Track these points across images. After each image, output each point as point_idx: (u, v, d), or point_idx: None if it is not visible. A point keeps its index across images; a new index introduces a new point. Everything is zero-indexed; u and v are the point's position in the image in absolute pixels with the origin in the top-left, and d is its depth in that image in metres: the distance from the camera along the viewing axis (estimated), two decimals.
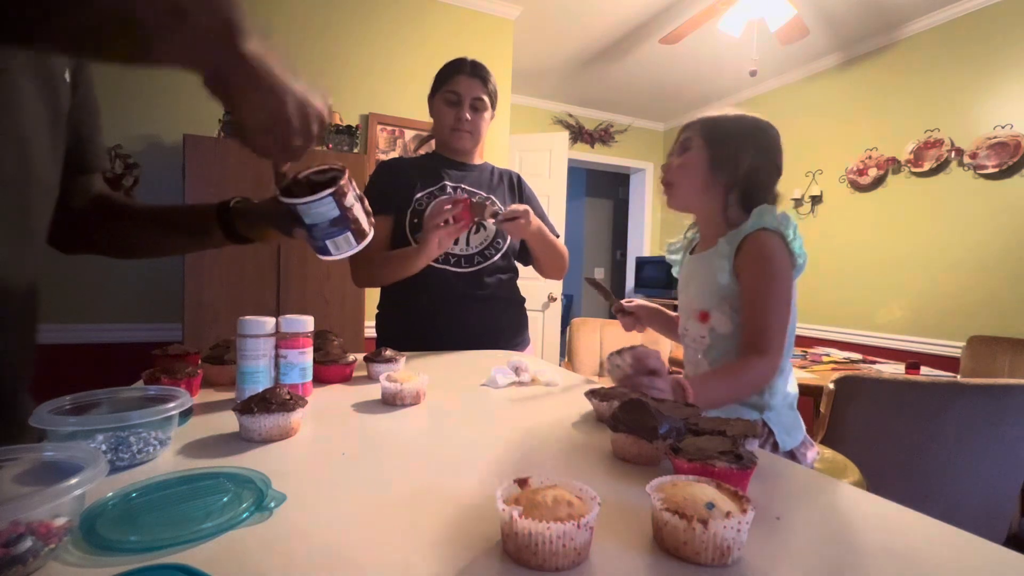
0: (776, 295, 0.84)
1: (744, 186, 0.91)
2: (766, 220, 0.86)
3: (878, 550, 0.38)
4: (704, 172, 0.92)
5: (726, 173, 0.91)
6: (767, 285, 0.84)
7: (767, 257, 0.84)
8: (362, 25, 2.62)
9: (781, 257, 0.85)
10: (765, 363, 0.81)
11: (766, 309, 0.83)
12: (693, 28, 2.70)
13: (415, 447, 0.57)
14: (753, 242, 0.85)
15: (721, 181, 0.91)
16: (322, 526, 0.38)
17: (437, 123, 1.29)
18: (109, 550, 0.34)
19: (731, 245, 0.87)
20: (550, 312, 3.62)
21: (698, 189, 0.94)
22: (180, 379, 0.68)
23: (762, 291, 0.84)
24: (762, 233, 0.85)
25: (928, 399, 1.20)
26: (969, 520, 1.26)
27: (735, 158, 0.90)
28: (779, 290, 0.84)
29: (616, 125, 4.70)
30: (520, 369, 0.89)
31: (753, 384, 0.84)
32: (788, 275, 0.85)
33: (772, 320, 0.83)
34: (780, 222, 0.86)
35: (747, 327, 0.85)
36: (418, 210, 1.21)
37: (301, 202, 0.66)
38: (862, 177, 3.16)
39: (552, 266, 1.32)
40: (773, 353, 0.82)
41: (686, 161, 0.94)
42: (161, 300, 2.26)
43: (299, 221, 0.67)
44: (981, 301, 2.60)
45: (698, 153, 0.93)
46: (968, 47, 2.69)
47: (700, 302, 0.94)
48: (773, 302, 0.83)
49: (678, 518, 0.34)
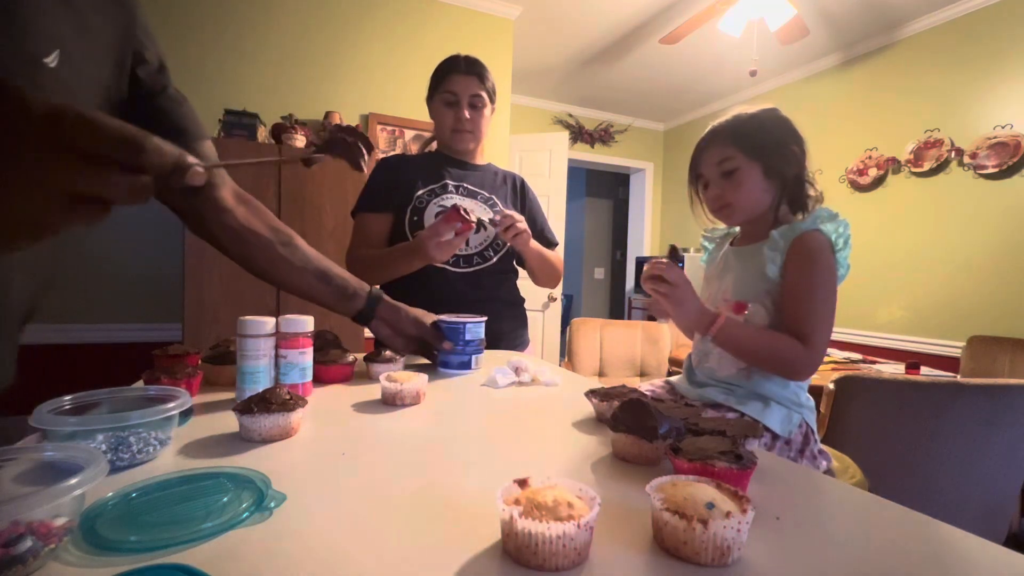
0: (823, 295, 0.84)
1: (793, 184, 0.91)
2: (824, 222, 0.87)
3: (878, 550, 0.38)
4: (760, 184, 0.91)
5: (779, 178, 0.91)
6: (817, 283, 0.84)
7: (817, 256, 0.84)
8: (362, 25, 2.63)
9: (830, 259, 0.85)
10: (805, 354, 0.81)
11: (813, 305, 0.83)
12: (693, 28, 2.70)
13: (415, 447, 0.57)
14: (809, 240, 0.85)
15: (776, 186, 0.91)
16: (322, 526, 0.38)
17: (437, 125, 1.29)
18: (109, 550, 0.34)
19: (785, 240, 0.87)
20: (550, 312, 3.62)
21: (757, 200, 0.93)
22: (180, 379, 0.68)
23: (812, 288, 0.84)
24: (816, 233, 0.85)
25: (928, 399, 1.20)
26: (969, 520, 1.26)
27: (785, 162, 0.90)
28: (827, 291, 0.84)
29: (616, 125, 4.70)
30: (520, 369, 0.89)
31: (782, 361, 0.84)
32: (834, 278, 0.85)
33: (818, 318, 0.83)
34: (838, 227, 0.87)
35: (792, 319, 0.84)
36: (418, 208, 1.21)
37: (471, 322, 0.92)
38: (862, 177, 3.16)
39: (545, 276, 1.33)
40: (813, 348, 0.81)
41: (739, 180, 0.91)
42: (161, 300, 2.26)
43: (455, 335, 0.91)
44: (981, 301, 2.60)
45: (748, 170, 0.91)
46: (968, 47, 2.69)
47: (738, 292, 0.93)
48: (820, 300, 0.83)
49: (678, 518, 0.34)
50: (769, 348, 0.84)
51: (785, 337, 0.83)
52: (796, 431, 0.86)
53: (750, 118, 0.93)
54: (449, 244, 1.07)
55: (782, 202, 0.92)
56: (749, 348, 0.86)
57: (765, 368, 0.87)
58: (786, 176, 0.90)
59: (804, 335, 0.82)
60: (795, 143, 0.91)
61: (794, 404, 0.87)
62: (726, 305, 0.93)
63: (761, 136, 0.91)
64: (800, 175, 0.91)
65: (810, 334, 0.81)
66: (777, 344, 0.83)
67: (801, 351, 0.81)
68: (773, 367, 0.86)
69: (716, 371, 0.93)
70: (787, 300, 0.86)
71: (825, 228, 0.87)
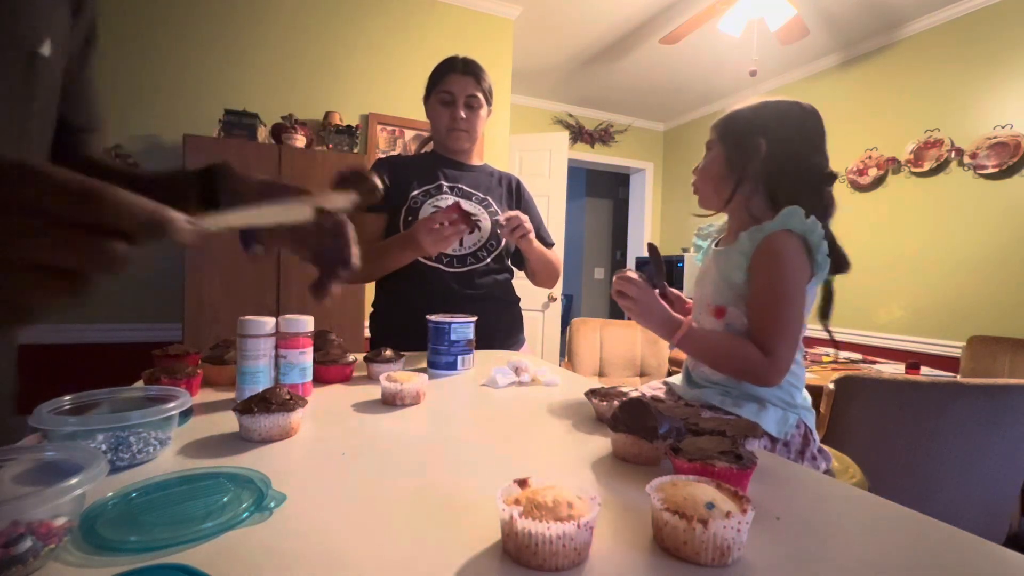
0: (788, 301, 0.80)
1: (765, 180, 0.87)
2: (792, 222, 0.81)
3: (878, 550, 0.38)
4: (720, 171, 0.90)
5: (740, 168, 0.88)
6: (780, 289, 0.80)
7: (781, 259, 0.81)
8: (362, 25, 2.63)
9: (796, 261, 0.81)
10: (766, 364, 0.79)
11: (776, 312, 0.80)
12: (693, 28, 2.70)
13: (415, 447, 0.57)
14: (772, 242, 0.81)
15: (735, 177, 0.88)
16: (322, 526, 0.38)
17: (433, 124, 1.29)
18: (109, 550, 0.34)
19: (752, 242, 0.83)
20: (550, 312, 3.62)
21: (715, 187, 0.91)
22: (180, 379, 0.68)
23: (774, 294, 0.81)
24: (783, 234, 0.82)
25: (928, 399, 1.20)
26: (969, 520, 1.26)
27: (748, 153, 0.87)
28: (792, 296, 0.80)
29: (616, 125, 4.70)
30: (520, 369, 0.89)
31: (744, 371, 0.82)
32: (800, 280, 0.81)
33: (780, 326, 0.80)
34: (807, 226, 0.81)
35: (754, 327, 0.82)
36: (413, 208, 1.21)
37: (457, 322, 0.91)
38: (862, 177, 3.16)
39: (545, 276, 1.32)
40: (775, 358, 0.79)
41: (706, 163, 0.92)
42: (161, 300, 2.26)
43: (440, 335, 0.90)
44: (981, 301, 2.60)
45: (716, 153, 0.91)
46: (968, 47, 2.69)
47: (716, 297, 0.90)
48: (783, 307, 0.80)
49: (678, 518, 0.34)
50: (730, 357, 0.82)
51: (747, 346, 0.80)
52: (794, 432, 0.84)
53: (746, 107, 0.92)
54: (441, 236, 1.06)
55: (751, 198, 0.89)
56: (711, 357, 0.85)
57: (733, 376, 0.86)
58: (746, 169, 0.88)
59: (765, 344, 0.79)
60: (763, 137, 0.86)
61: (788, 405, 0.85)
62: (708, 310, 0.92)
63: (733, 124, 0.90)
64: (772, 169, 0.87)
65: (771, 344, 0.79)
66: (738, 353, 0.81)
67: (761, 361, 0.79)
68: (739, 375, 0.84)
69: (710, 374, 0.92)
70: (751, 306, 0.84)
71: (794, 226, 0.82)
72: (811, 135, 0.89)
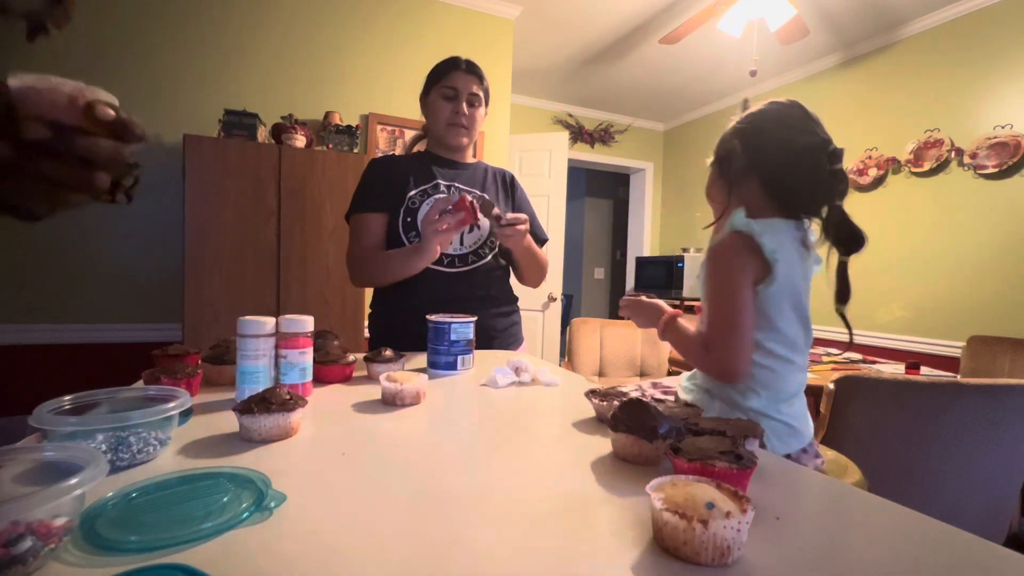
0: (719, 297, 0.83)
1: (757, 174, 0.88)
2: (735, 223, 0.84)
3: (878, 550, 0.38)
4: (713, 180, 0.94)
5: (727, 173, 0.90)
6: (712, 289, 0.84)
7: (713, 259, 0.85)
8: (362, 25, 2.62)
9: (734, 261, 0.82)
10: (708, 359, 0.83)
11: (711, 310, 0.84)
12: (693, 28, 2.70)
13: (415, 447, 0.57)
14: (715, 244, 0.86)
15: (726, 182, 0.90)
16: (322, 526, 0.38)
17: (432, 119, 1.28)
18: (109, 550, 0.34)
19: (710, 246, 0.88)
20: (550, 312, 3.62)
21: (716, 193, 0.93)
22: (180, 379, 0.69)
23: (706, 291, 0.85)
24: (729, 235, 0.84)
25: (928, 399, 1.20)
26: (969, 520, 1.26)
27: (729, 156, 0.89)
28: (723, 295, 0.82)
29: (616, 125, 4.69)
30: (520, 369, 0.89)
31: (695, 363, 0.88)
32: (736, 279, 0.81)
33: (714, 324, 0.82)
34: (750, 226, 0.82)
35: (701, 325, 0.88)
36: (411, 208, 1.21)
37: (457, 322, 0.91)
38: (862, 177, 3.16)
39: (531, 274, 1.32)
40: (716, 350, 0.81)
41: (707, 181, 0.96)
42: (161, 300, 2.26)
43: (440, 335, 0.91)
44: (981, 301, 2.60)
45: (711, 169, 0.94)
46: (968, 47, 2.69)
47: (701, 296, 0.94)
48: (715, 303, 0.83)
49: (678, 518, 0.34)
50: (686, 349, 0.88)
51: (695, 343, 0.86)
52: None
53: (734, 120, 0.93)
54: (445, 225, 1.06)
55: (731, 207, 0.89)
56: (681, 348, 0.90)
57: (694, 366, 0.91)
58: (731, 171, 0.89)
59: (703, 338, 0.84)
60: (736, 138, 0.88)
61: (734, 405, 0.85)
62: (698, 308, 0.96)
63: (722, 138, 0.92)
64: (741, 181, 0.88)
65: (709, 341, 0.82)
66: (691, 347, 0.87)
67: (701, 354, 0.84)
68: (696, 367, 0.90)
69: None
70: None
71: (737, 225, 0.83)
72: (790, 120, 0.88)
